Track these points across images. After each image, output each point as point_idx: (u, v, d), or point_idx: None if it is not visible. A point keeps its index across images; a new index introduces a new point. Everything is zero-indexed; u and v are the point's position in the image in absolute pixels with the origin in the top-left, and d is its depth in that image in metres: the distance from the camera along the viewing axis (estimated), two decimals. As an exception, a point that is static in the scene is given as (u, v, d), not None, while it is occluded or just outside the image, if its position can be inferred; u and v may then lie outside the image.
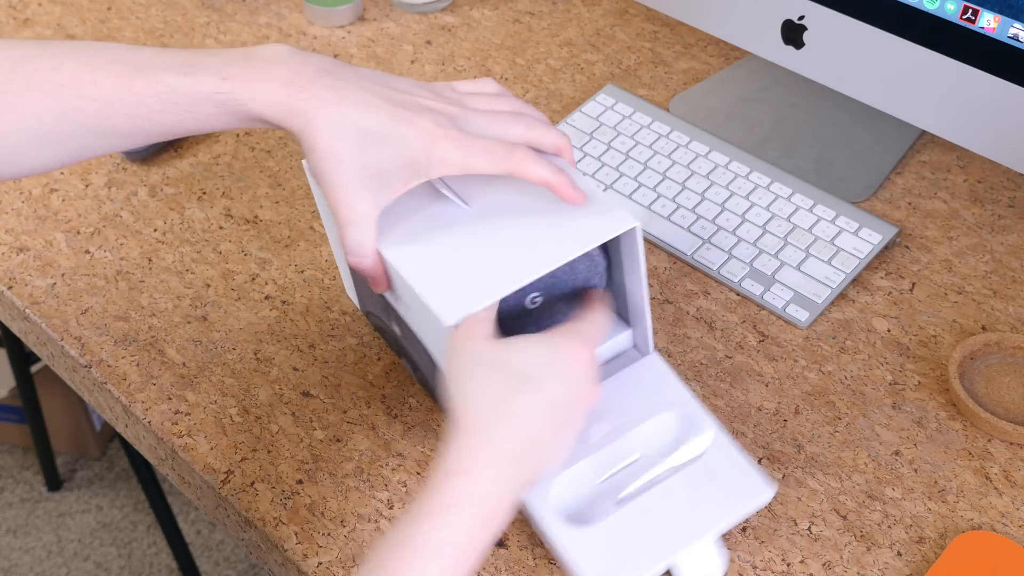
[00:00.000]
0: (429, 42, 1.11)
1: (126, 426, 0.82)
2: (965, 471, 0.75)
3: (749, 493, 0.68)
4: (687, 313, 0.85)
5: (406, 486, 0.74)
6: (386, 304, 0.73)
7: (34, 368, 1.67)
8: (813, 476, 0.74)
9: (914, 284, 0.87)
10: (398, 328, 0.73)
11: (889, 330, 0.83)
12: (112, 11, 1.15)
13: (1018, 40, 0.79)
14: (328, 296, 0.86)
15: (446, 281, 0.64)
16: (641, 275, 0.70)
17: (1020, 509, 0.73)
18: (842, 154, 0.97)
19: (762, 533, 0.71)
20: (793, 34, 0.92)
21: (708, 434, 0.71)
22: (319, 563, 0.70)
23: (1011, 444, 0.76)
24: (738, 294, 0.86)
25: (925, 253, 0.89)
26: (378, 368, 0.81)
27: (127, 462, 1.86)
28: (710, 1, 0.96)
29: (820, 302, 0.84)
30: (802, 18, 0.90)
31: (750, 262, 0.87)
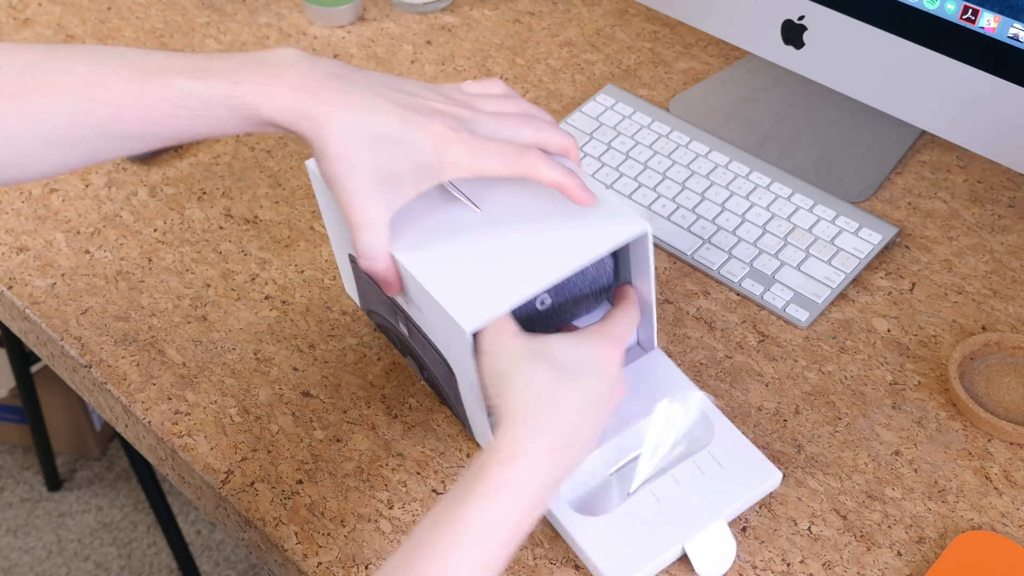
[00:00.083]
0: (429, 42, 1.11)
1: (126, 426, 0.82)
2: (965, 471, 0.75)
3: (757, 478, 0.70)
4: (687, 313, 0.85)
5: (406, 486, 0.74)
6: (393, 305, 0.73)
7: (34, 368, 1.67)
8: (813, 476, 0.74)
9: (914, 284, 0.87)
10: (405, 328, 0.74)
11: (889, 330, 0.83)
12: (112, 11, 1.15)
13: (1018, 40, 0.79)
14: (328, 296, 0.86)
15: (463, 287, 0.65)
16: (650, 276, 0.71)
17: (1020, 509, 0.73)
18: (842, 154, 0.97)
19: (762, 533, 0.71)
20: (793, 34, 0.92)
21: (714, 423, 0.73)
22: (319, 563, 0.70)
23: (1011, 444, 0.76)
24: (738, 294, 0.86)
25: (925, 253, 0.89)
26: (378, 368, 0.81)
27: (127, 462, 1.86)
28: (710, 1, 0.96)
29: (820, 302, 0.84)
30: (802, 18, 0.90)
31: (750, 262, 0.87)
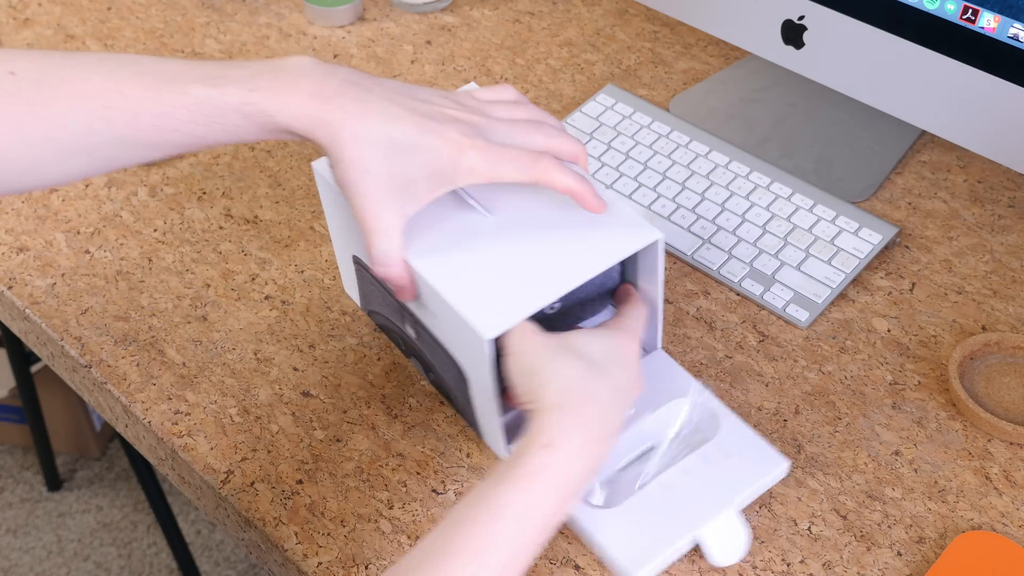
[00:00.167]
0: (429, 42, 1.11)
1: (126, 426, 0.82)
2: (965, 471, 0.75)
3: (766, 466, 0.72)
4: (687, 313, 0.85)
5: (406, 486, 0.74)
6: (400, 307, 0.74)
7: (34, 368, 1.67)
8: (813, 476, 0.74)
9: (914, 284, 0.87)
10: (413, 331, 0.74)
11: (889, 330, 0.83)
12: (112, 11, 1.15)
13: (1018, 40, 0.79)
14: (328, 296, 0.86)
15: (479, 294, 0.66)
16: (659, 280, 0.72)
17: (1020, 509, 0.73)
18: (842, 154, 0.97)
19: (762, 533, 0.71)
20: (793, 34, 0.92)
21: (720, 415, 0.74)
22: (319, 563, 0.70)
23: (1011, 444, 0.76)
24: (738, 294, 0.86)
25: (925, 253, 0.89)
26: (378, 368, 0.81)
27: (127, 462, 1.86)
28: (710, 1, 0.96)
29: (820, 302, 0.84)
30: (802, 18, 0.90)
31: (750, 262, 0.87)
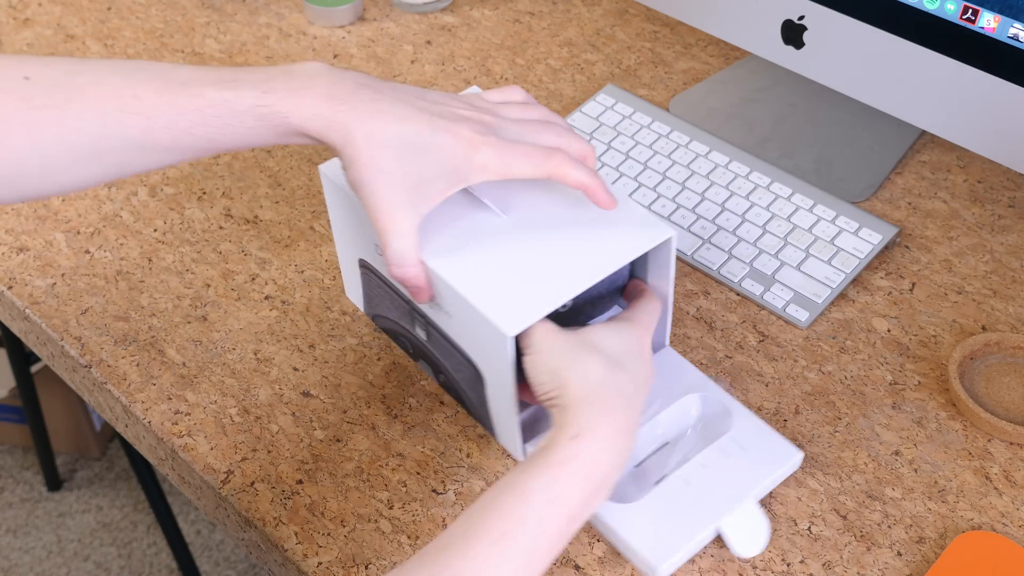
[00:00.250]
0: (429, 42, 1.11)
1: (126, 426, 0.82)
2: (965, 471, 0.75)
3: (781, 457, 0.72)
4: (687, 313, 0.85)
5: (406, 486, 0.74)
6: (410, 310, 0.74)
7: (34, 368, 1.67)
8: (813, 476, 0.74)
9: (914, 284, 0.87)
10: (424, 333, 0.74)
11: (889, 330, 0.83)
12: (112, 11, 1.15)
13: (1018, 40, 0.79)
14: (328, 296, 0.86)
15: (498, 293, 0.66)
16: (670, 278, 0.73)
17: (1020, 509, 0.73)
18: (842, 154, 0.97)
19: (762, 533, 0.71)
20: (793, 34, 0.92)
21: (732, 409, 0.74)
22: (319, 563, 0.70)
23: (1011, 444, 0.76)
24: (738, 294, 0.86)
25: (925, 253, 0.89)
26: (378, 368, 0.81)
27: (127, 462, 1.86)
28: (710, 1, 0.96)
29: (820, 302, 0.84)
30: (802, 18, 0.90)
31: (750, 262, 0.87)
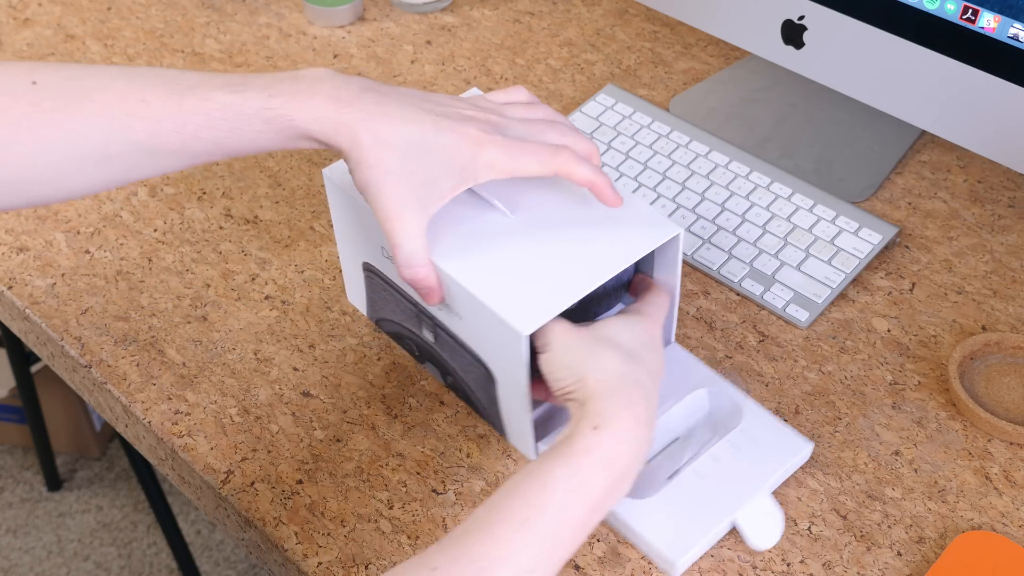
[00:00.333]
0: (429, 42, 1.11)
1: (126, 426, 0.82)
2: (965, 471, 0.75)
3: (792, 450, 0.73)
4: (687, 313, 0.85)
5: (406, 486, 0.74)
6: (417, 312, 0.74)
7: (34, 368, 1.67)
8: (813, 476, 0.74)
9: (914, 284, 0.87)
10: (431, 335, 0.74)
11: (889, 330, 0.83)
12: (112, 11, 1.15)
13: (1018, 40, 0.79)
14: (328, 296, 0.86)
15: (510, 292, 0.66)
16: (677, 274, 0.73)
17: (1020, 509, 0.73)
18: (842, 154, 0.97)
19: (762, 533, 0.71)
20: (793, 34, 0.92)
21: (742, 403, 0.75)
22: (319, 563, 0.70)
23: (1011, 444, 0.76)
24: (738, 294, 0.86)
25: (925, 253, 0.89)
26: (378, 368, 0.81)
27: (127, 462, 1.86)
28: (710, 1, 0.96)
29: (820, 302, 0.84)
30: (802, 18, 0.90)
31: (750, 262, 0.87)
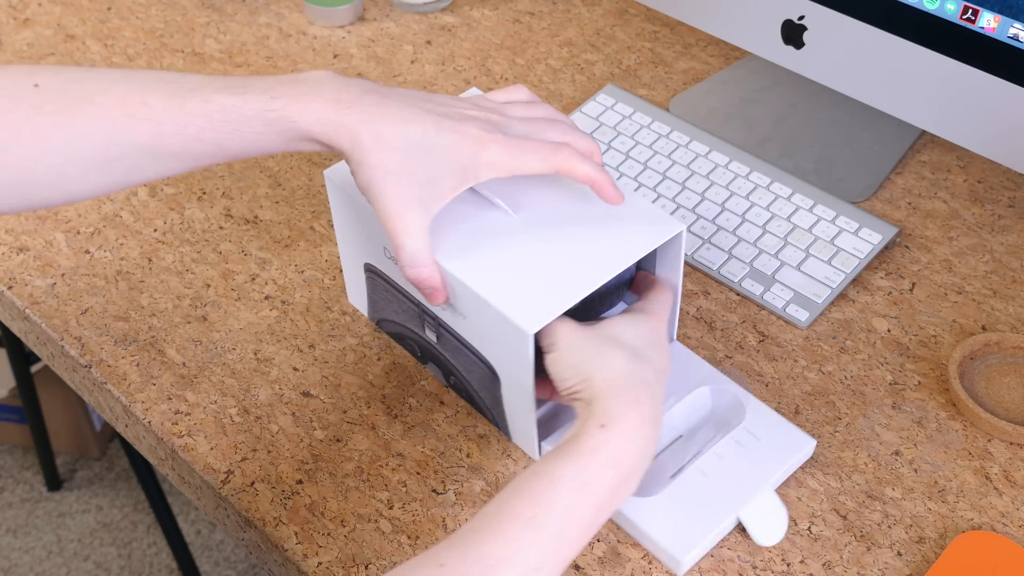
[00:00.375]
0: (429, 42, 1.11)
1: (126, 426, 0.82)
2: (965, 471, 0.75)
3: (795, 446, 0.73)
4: (687, 313, 0.85)
5: (406, 486, 0.74)
6: (420, 312, 0.74)
7: (34, 368, 1.66)
8: (813, 476, 0.74)
9: (914, 284, 0.87)
10: (434, 335, 0.74)
11: (889, 330, 0.83)
12: (112, 11, 1.15)
13: (1018, 40, 0.79)
14: (328, 296, 0.86)
15: (515, 291, 0.66)
16: (679, 271, 0.73)
17: (1020, 509, 0.73)
18: (842, 154, 0.97)
19: (762, 533, 0.71)
20: (793, 34, 0.92)
21: (744, 400, 0.75)
22: (319, 563, 0.70)
23: (1011, 444, 0.76)
24: (738, 294, 0.86)
25: (925, 253, 0.89)
26: (378, 368, 0.81)
27: (127, 462, 1.86)
28: (710, 1, 0.96)
29: (820, 302, 0.84)
30: (802, 18, 0.90)
31: (750, 262, 0.87)
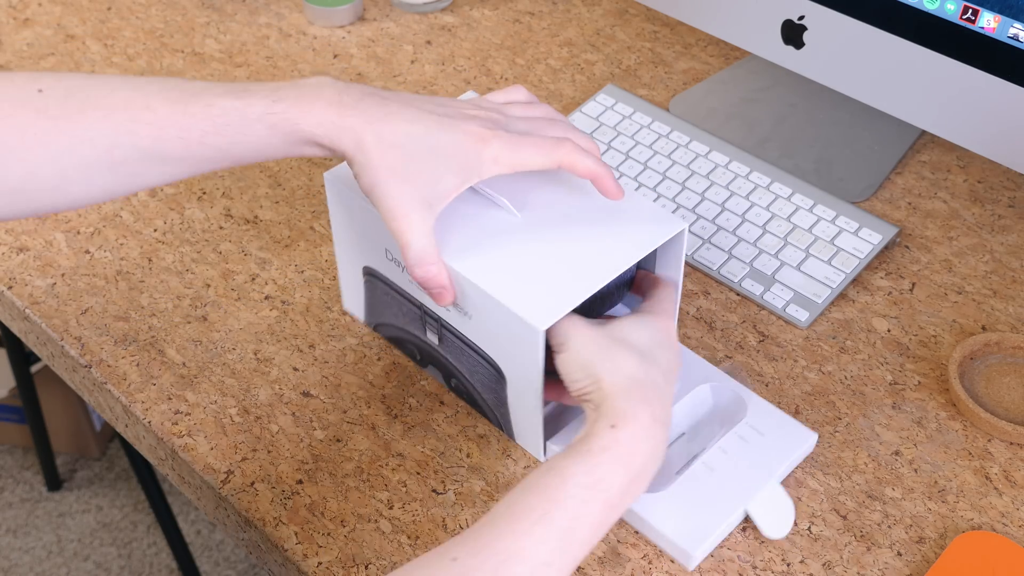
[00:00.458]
0: (429, 42, 1.11)
1: (126, 426, 0.82)
2: (965, 471, 0.75)
3: (797, 440, 0.74)
4: (687, 313, 0.85)
5: (406, 486, 0.74)
6: (421, 314, 0.74)
7: (34, 368, 1.66)
8: (813, 476, 0.74)
9: (914, 284, 0.87)
10: (436, 336, 0.74)
11: (889, 330, 0.83)
12: (112, 11, 1.15)
13: (1018, 40, 0.79)
14: (328, 296, 0.86)
15: (522, 289, 0.67)
16: (680, 269, 0.74)
17: (1020, 509, 0.73)
18: (842, 154, 0.97)
19: (762, 533, 0.71)
20: (793, 34, 0.92)
21: (745, 396, 0.75)
22: (319, 563, 0.70)
23: (1011, 444, 0.76)
24: (738, 294, 0.86)
25: (925, 253, 0.89)
26: (378, 368, 0.81)
27: (127, 462, 1.86)
28: (710, 1, 0.96)
29: (820, 302, 0.84)
30: (802, 18, 0.90)
31: (750, 262, 0.87)
